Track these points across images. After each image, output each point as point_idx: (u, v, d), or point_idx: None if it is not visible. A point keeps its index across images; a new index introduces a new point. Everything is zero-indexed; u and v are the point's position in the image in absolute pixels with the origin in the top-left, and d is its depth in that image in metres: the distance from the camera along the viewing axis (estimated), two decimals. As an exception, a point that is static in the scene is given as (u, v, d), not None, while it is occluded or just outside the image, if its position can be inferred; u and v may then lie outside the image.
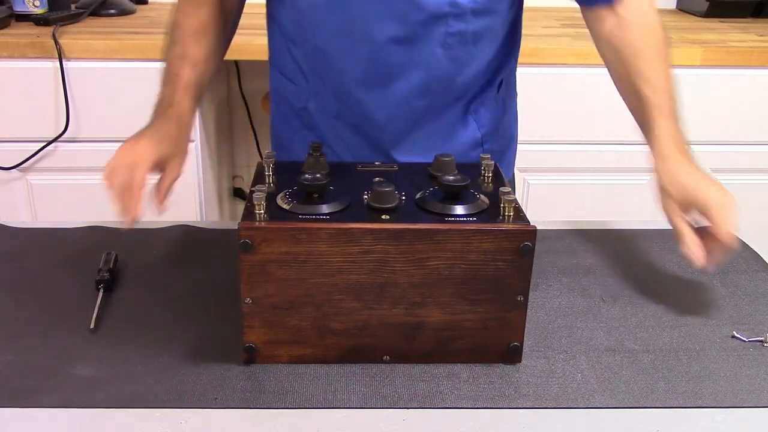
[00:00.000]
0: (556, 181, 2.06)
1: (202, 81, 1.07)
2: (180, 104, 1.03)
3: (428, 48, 1.03)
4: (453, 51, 1.04)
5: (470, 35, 1.04)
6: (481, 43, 1.06)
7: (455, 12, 1.01)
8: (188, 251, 1.11)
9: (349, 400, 0.80)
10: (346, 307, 0.83)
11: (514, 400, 0.81)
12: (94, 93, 1.86)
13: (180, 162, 1.02)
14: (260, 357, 0.85)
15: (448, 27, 1.02)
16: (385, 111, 1.09)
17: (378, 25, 1.01)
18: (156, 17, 2.15)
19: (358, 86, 1.07)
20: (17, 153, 1.89)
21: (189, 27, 1.07)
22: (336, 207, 0.84)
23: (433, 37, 1.02)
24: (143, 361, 0.86)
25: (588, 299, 1.01)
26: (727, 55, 1.94)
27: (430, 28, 1.02)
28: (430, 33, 1.02)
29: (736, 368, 0.87)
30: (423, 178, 0.94)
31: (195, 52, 1.06)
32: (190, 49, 1.06)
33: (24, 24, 1.97)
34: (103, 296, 0.97)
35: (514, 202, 0.83)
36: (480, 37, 1.05)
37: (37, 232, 1.15)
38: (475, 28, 1.03)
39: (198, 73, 1.06)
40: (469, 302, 0.84)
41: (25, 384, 0.81)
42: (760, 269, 1.10)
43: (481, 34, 1.05)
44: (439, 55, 1.04)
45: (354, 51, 1.04)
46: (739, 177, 2.07)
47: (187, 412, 0.78)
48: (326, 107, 1.13)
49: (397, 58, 1.04)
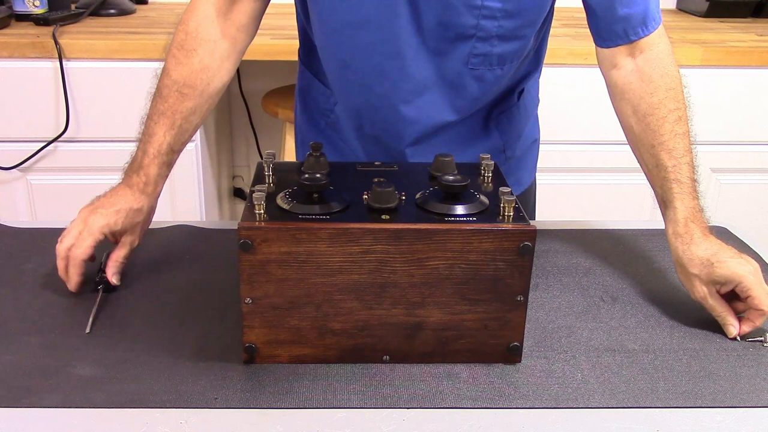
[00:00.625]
0: (557, 181, 2.06)
1: (180, 140, 1.02)
2: (146, 171, 1.00)
3: (452, 66, 1.03)
4: (478, 72, 1.04)
5: (495, 58, 1.03)
6: (506, 66, 1.06)
7: (481, 35, 1.00)
8: (188, 251, 1.11)
9: (349, 400, 0.80)
10: (346, 307, 0.83)
11: (514, 400, 0.81)
12: (94, 93, 1.86)
13: (137, 233, 1.02)
14: (260, 357, 0.85)
15: (473, 49, 1.02)
16: (407, 126, 1.09)
17: (408, 42, 1.01)
18: (156, 17, 2.16)
19: (382, 101, 1.07)
20: (17, 153, 1.89)
21: (177, 77, 1.01)
22: (336, 207, 0.84)
23: (458, 56, 1.02)
24: (143, 361, 0.86)
25: (588, 299, 1.01)
26: (727, 55, 1.94)
27: (455, 46, 1.01)
28: (456, 51, 1.02)
29: (736, 368, 0.87)
30: (423, 178, 0.94)
31: (178, 108, 1.01)
32: (173, 105, 1.01)
33: (24, 24, 1.97)
34: (102, 297, 0.97)
35: (513, 202, 0.83)
36: (506, 60, 1.05)
37: (37, 232, 1.15)
38: (501, 51, 1.03)
39: (176, 133, 1.01)
40: (469, 302, 0.84)
41: (25, 384, 0.81)
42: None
43: (506, 58, 1.04)
44: (464, 74, 1.04)
45: (381, 67, 1.03)
46: (739, 177, 2.08)
47: (187, 412, 0.78)
48: (350, 117, 1.13)
49: (422, 74, 1.04)
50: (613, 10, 1.00)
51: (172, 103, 1.01)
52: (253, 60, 1.90)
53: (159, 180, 1.02)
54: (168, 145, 1.01)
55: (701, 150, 1.05)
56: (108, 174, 1.93)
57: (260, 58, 1.85)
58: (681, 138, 0.99)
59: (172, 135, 1.01)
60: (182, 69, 1.01)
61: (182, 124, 1.01)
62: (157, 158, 1.01)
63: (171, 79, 1.01)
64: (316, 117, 1.20)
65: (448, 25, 0.99)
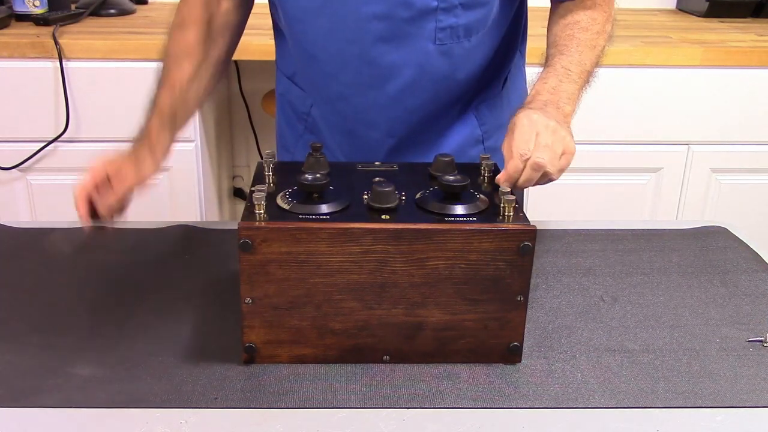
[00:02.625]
0: (556, 181, 2.06)
1: (183, 105, 1.06)
2: (151, 135, 1.02)
3: (419, 45, 1.02)
4: (445, 46, 1.03)
5: (462, 29, 1.03)
6: (474, 37, 1.05)
7: (444, 6, 1.00)
8: (188, 251, 1.11)
9: (349, 400, 0.80)
10: (346, 307, 0.83)
11: (514, 400, 0.81)
12: (94, 93, 1.86)
13: (138, 174, 1.00)
14: (260, 357, 0.85)
15: (437, 22, 1.01)
16: (380, 112, 1.08)
17: (365, 25, 1.01)
18: (156, 17, 2.15)
19: (350, 89, 1.07)
20: (17, 153, 1.89)
21: (172, 51, 1.07)
22: (336, 207, 0.84)
23: (424, 33, 1.02)
24: (143, 361, 0.86)
25: (588, 299, 1.01)
26: (727, 55, 1.94)
27: (419, 24, 1.01)
28: (420, 29, 1.01)
29: (735, 368, 0.87)
30: (423, 178, 0.94)
31: (175, 75, 1.05)
32: (170, 73, 1.05)
33: (24, 24, 1.97)
34: (101, 295, 0.97)
35: (513, 202, 0.83)
36: (472, 31, 1.04)
37: (37, 232, 1.15)
38: (467, 21, 1.02)
39: (176, 98, 1.04)
40: (469, 302, 0.84)
41: (25, 384, 0.81)
42: (760, 269, 1.10)
43: (472, 28, 1.04)
44: (431, 52, 1.03)
45: (343, 53, 1.03)
46: (739, 177, 2.08)
47: (187, 412, 0.78)
48: (324, 114, 1.13)
49: (387, 57, 1.03)
50: None
51: (169, 72, 1.05)
52: (253, 60, 1.90)
53: (165, 143, 1.04)
54: (169, 108, 1.04)
55: (701, 150, 1.05)
56: (108, 174, 1.93)
57: (260, 58, 1.85)
58: (582, 42, 1.03)
59: (172, 99, 1.04)
60: (178, 44, 1.06)
61: (182, 91, 1.05)
62: (161, 123, 1.03)
63: (168, 54, 1.06)
64: (293, 122, 1.21)
65: (408, 0, 0.99)
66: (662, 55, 1.93)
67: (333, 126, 1.14)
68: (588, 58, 1.02)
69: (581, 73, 1.01)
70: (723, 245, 1.16)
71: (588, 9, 1.05)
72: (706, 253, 1.14)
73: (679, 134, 2.01)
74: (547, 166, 0.90)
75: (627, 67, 1.92)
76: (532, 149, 0.89)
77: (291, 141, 1.22)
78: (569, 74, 1.00)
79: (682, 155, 2.04)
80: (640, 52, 1.92)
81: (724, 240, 1.18)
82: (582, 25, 1.04)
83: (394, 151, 1.12)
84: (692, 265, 1.11)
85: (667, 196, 2.08)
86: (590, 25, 1.04)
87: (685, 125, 2.00)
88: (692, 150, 2.03)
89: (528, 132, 0.91)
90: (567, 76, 1.00)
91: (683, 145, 2.03)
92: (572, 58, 1.01)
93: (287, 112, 1.21)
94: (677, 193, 2.09)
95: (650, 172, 2.06)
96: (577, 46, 1.03)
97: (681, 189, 2.08)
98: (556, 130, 0.92)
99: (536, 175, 0.90)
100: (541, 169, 0.90)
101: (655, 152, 2.03)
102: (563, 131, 0.92)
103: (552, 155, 0.90)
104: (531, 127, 0.91)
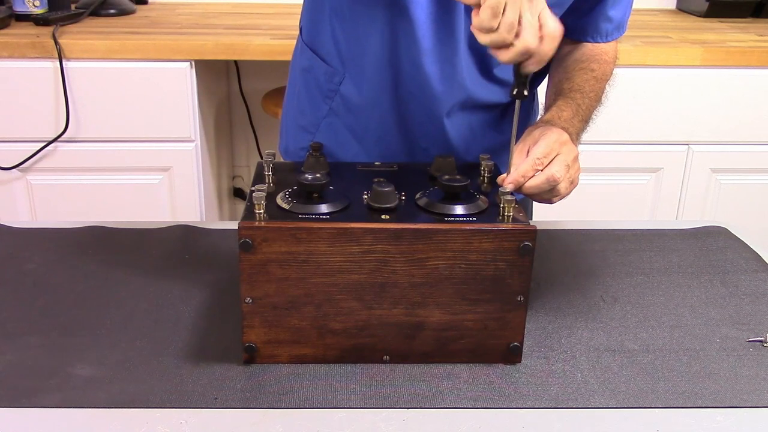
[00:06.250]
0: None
1: None
2: None
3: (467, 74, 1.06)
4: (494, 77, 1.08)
5: None
6: None
7: None
8: (188, 251, 1.11)
9: (349, 400, 0.80)
10: (346, 307, 0.83)
11: (514, 400, 0.81)
12: (94, 93, 1.86)
13: None
14: (260, 357, 0.85)
15: None
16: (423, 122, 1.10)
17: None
18: (156, 17, 2.15)
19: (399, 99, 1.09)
20: (17, 153, 1.89)
21: None
22: (336, 207, 0.84)
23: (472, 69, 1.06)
24: (143, 361, 0.86)
25: (588, 299, 1.01)
26: (727, 55, 1.94)
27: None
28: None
29: (735, 368, 0.87)
30: (423, 178, 0.94)
31: None
32: None
33: (24, 24, 1.97)
34: (102, 295, 0.97)
35: (513, 202, 0.83)
36: None
37: (37, 232, 1.15)
38: None
39: None
40: (469, 302, 0.84)
41: (25, 384, 0.81)
42: (760, 269, 1.10)
43: None
44: (480, 80, 1.07)
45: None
46: (739, 177, 2.08)
47: (187, 412, 0.78)
48: (372, 82, 1.10)
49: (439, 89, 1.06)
50: (603, 9, 1.09)
51: None
52: (253, 60, 1.90)
53: None
54: None
55: (701, 150, 1.05)
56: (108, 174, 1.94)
57: (260, 58, 1.85)
58: (592, 89, 1.09)
59: None
60: None
61: None
62: None
63: None
64: (317, 100, 1.16)
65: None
66: (662, 55, 1.93)
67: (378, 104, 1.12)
68: (594, 109, 1.09)
69: (587, 121, 1.08)
70: (723, 245, 1.16)
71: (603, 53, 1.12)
72: (706, 253, 1.14)
73: (679, 134, 2.02)
74: (560, 182, 0.91)
75: (627, 67, 1.92)
76: (552, 161, 0.91)
77: (312, 123, 1.18)
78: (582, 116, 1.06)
79: (682, 155, 2.04)
80: (640, 52, 1.92)
81: (724, 240, 1.18)
82: (596, 75, 1.10)
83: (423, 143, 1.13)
84: (692, 265, 1.11)
85: (667, 196, 2.08)
86: (603, 76, 1.11)
87: (685, 125, 2.00)
88: (692, 150, 2.03)
89: (554, 144, 0.92)
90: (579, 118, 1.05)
91: (683, 145, 2.03)
92: (587, 103, 1.07)
93: (311, 89, 1.17)
94: (677, 194, 2.09)
95: (650, 172, 2.06)
96: (589, 92, 1.08)
97: (681, 189, 2.08)
98: (577, 159, 0.94)
99: (546, 186, 0.91)
100: (555, 183, 0.91)
101: (655, 152, 2.04)
102: (578, 164, 0.95)
103: (567, 177, 0.92)
104: (557, 143, 0.93)
